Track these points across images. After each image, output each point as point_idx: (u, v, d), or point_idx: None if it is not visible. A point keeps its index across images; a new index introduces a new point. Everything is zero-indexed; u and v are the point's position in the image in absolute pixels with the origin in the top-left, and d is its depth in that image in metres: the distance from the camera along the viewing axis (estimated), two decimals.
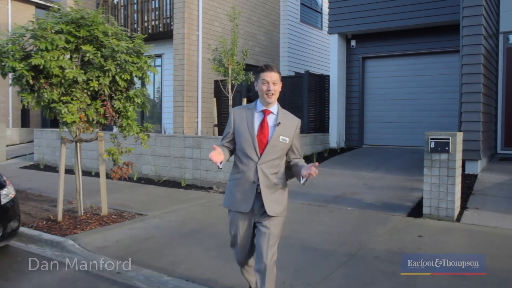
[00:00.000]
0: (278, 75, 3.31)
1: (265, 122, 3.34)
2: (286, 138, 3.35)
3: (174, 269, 4.86)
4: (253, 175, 3.31)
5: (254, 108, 3.40)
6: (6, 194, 5.48)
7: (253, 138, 3.31)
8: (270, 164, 3.32)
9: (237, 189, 3.37)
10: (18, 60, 5.71)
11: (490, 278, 4.43)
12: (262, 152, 3.30)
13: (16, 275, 4.90)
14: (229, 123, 3.46)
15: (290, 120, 3.43)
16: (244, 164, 3.35)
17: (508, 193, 7.42)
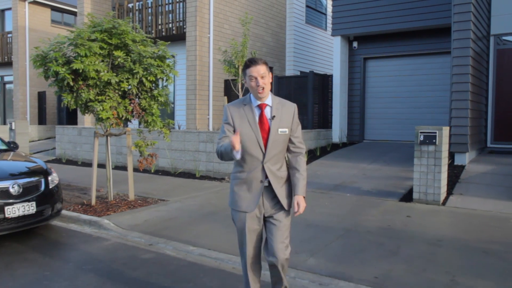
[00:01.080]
0: (264, 67, 3.15)
1: (263, 117, 3.23)
2: (284, 129, 3.25)
3: (197, 241, 5.76)
4: (260, 174, 3.21)
5: (250, 103, 3.26)
6: (52, 180, 6.41)
7: (258, 136, 3.18)
8: (275, 159, 3.24)
9: (242, 188, 3.27)
10: (61, 65, 6.62)
11: (461, 245, 5.31)
12: (266, 149, 3.20)
13: (64, 246, 5.83)
14: (226, 122, 3.28)
15: (286, 108, 3.29)
16: (248, 163, 3.23)
17: (490, 181, 8.27)
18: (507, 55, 10.97)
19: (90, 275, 4.77)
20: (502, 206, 7.04)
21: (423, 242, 5.51)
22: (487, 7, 10.93)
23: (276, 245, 3.22)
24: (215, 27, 13.98)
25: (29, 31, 20.37)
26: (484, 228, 6.10)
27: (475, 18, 9.66)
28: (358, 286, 4.33)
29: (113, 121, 7.09)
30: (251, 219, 3.27)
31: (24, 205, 5.78)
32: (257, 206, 3.25)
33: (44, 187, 6.16)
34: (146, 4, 14.74)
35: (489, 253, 5.13)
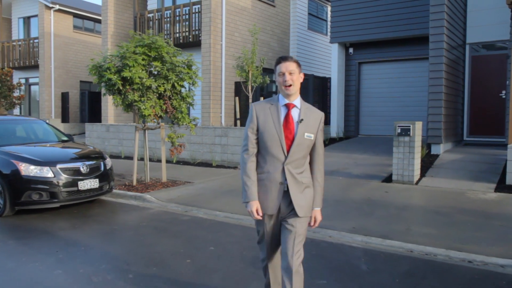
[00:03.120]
0: (295, 64, 3.13)
1: (289, 116, 3.17)
2: (311, 134, 3.18)
3: (222, 208, 7.57)
4: (280, 176, 3.15)
5: (277, 102, 3.22)
6: (107, 163, 8.23)
7: (281, 136, 3.12)
8: (297, 163, 3.17)
9: (262, 189, 3.20)
10: (113, 73, 8.42)
11: (420, 209, 7.10)
12: (288, 150, 3.13)
13: (120, 213, 7.65)
14: (251, 120, 3.23)
15: (314, 114, 3.25)
16: (269, 163, 3.17)
17: (457, 166, 10.03)
18: (480, 61, 12.71)
19: (147, 229, 6.58)
20: (462, 184, 8.80)
21: (392, 208, 7.31)
22: (463, 19, 12.67)
23: (286, 251, 3.20)
24: (226, 35, 15.76)
25: (54, 37, 22.20)
26: (442, 199, 7.87)
27: (450, 30, 11.40)
28: (340, 232, 6.13)
29: (152, 117, 8.89)
30: (269, 221, 3.28)
31: (91, 181, 7.62)
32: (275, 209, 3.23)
33: (103, 168, 8.00)
34: (165, 15, 16.53)
35: (439, 213, 6.92)
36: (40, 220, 7.05)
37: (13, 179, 7.16)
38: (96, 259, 5.26)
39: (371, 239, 5.86)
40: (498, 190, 8.32)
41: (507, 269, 4.89)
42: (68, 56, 22.97)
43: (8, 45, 23.53)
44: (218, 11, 15.27)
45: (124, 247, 5.82)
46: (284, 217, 3.25)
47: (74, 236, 6.20)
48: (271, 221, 3.28)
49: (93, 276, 4.70)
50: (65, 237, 6.17)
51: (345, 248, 5.64)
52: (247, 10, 16.72)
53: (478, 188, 8.50)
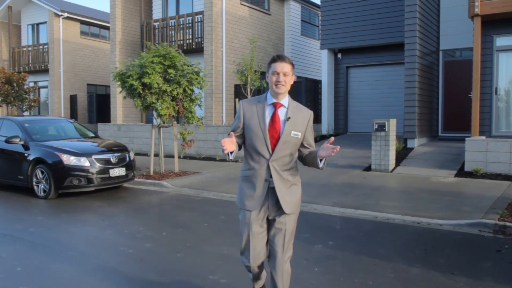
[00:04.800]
0: (290, 66, 3.13)
1: (276, 116, 3.17)
2: (298, 133, 3.19)
3: (228, 191, 9.19)
4: (265, 173, 3.17)
5: (264, 100, 3.23)
6: (131, 155, 9.84)
7: (265, 134, 3.14)
8: (282, 160, 3.18)
9: (248, 186, 3.24)
10: (135, 79, 10.02)
11: (390, 190, 8.75)
12: (273, 148, 3.14)
13: (143, 196, 9.26)
14: (237, 117, 3.27)
15: (302, 113, 3.26)
16: (255, 161, 3.20)
17: (427, 157, 11.68)
18: (452, 65, 14.37)
19: (168, 206, 8.21)
20: (429, 172, 10.45)
21: (367, 189, 8.95)
22: (437, 29, 14.33)
23: (277, 250, 3.20)
24: (226, 42, 17.36)
25: (63, 43, 23.74)
26: (409, 183, 9.52)
27: (423, 39, 13.06)
28: (323, 206, 7.77)
29: (167, 116, 10.49)
30: (255, 220, 3.22)
31: (119, 169, 9.24)
32: (262, 207, 3.22)
33: (128, 159, 9.61)
34: (170, 23, 18.13)
35: (404, 192, 8.58)
36: (80, 201, 8.66)
37: (57, 168, 8.76)
38: (134, 225, 6.88)
39: (346, 210, 7.50)
40: (457, 176, 9.97)
41: (444, 226, 6.55)
42: (75, 61, 24.52)
43: (19, 50, 25.02)
44: (219, 20, 16.88)
45: (154, 217, 7.45)
46: (273, 217, 3.25)
47: (111, 211, 7.82)
48: (257, 220, 3.23)
49: (136, 234, 6.32)
50: (105, 212, 7.78)
51: (325, 216, 7.28)
52: (245, 19, 18.34)
53: (441, 174, 10.15)
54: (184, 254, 5.45)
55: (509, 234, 6.21)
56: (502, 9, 10.61)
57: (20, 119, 10.15)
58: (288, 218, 3.23)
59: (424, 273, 4.78)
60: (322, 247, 5.68)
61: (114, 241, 6.03)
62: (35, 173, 9.00)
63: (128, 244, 5.86)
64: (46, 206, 8.33)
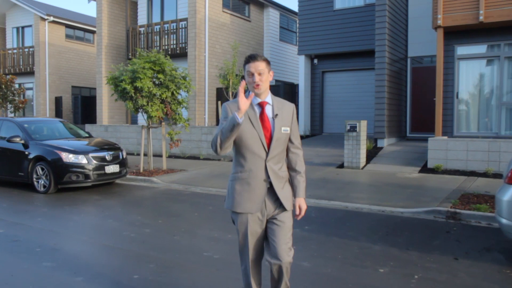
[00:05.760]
0: (264, 63, 3.09)
1: (264, 115, 3.16)
2: (287, 128, 3.20)
3: (214, 186, 10.08)
4: (263, 173, 3.13)
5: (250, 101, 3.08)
6: (123, 153, 10.65)
7: (260, 134, 3.10)
8: (276, 158, 3.19)
9: (244, 189, 3.16)
10: (127, 83, 10.83)
11: (360, 184, 9.77)
12: (269, 147, 3.13)
13: (136, 191, 10.07)
14: (225, 118, 3.13)
15: (286, 107, 3.27)
16: (250, 162, 3.14)
17: (395, 156, 12.77)
18: (419, 71, 15.54)
19: (160, 199, 9.07)
20: (396, 168, 11.52)
21: (340, 183, 9.96)
22: (405, 37, 15.49)
23: (280, 247, 3.14)
24: (209, 47, 18.24)
25: (48, 46, 24.27)
26: (377, 178, 10.57)
27: (392, 47, 14.18)
28: None
29: (157, 118, 11.33)
30: (253, 222, 3.18)
31: (113, 166, 10.04)
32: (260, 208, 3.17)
33: (121, 157, 10.42)
34: (155, 29, 18.92)
35: (372, 186, 9.61)
36: (78, 195, 9.45)
37: (57, 165, 9.52)
38: (132, 214, 7.72)
39: (321, 201, 8.47)
40: (420, 172, 11.06)
41: (404, 214, 7.59)
42: (61, 63, 25.07)
43: (4, 53, 25.43)
44: (202, 27, 17.75)
45: (149, 208, 8.30)
46: (271, 215, 3.21)
47: (109, 203, 8.64)
48: (256, 221, 3.20)
49: (135, 222, 7.17)
50: (103, 204, 8.60)
51: None
52: (227, 25, 19.25)
53: (406, 171, 11.23)
54: (180, 237, 6.33)
55: (458, 219, 7.26)
56: (461, 21, 11.75)
57: (19, 120, 10.86)
58: (288, 214, 3.25)
59: (384, 249, 5.76)
60: (299, 231, 6.61)
61: (116, 228, 6.86)
62: (35, 170, 9.75)
63: (129, 230, 6.70)
64: (47, 199, 9.09)
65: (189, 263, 5.22)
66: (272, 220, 3.22)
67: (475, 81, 12.73)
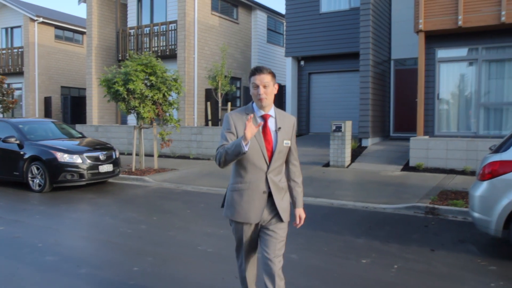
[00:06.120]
0: (269, 76, 3.11)
1: (267, 127, 3.17)
2: (288, 141, 3.23)
3: (204, 184, 10.45)
4: (263, 185, 3.15)
5: (252, 111, 3.20)
6: (116, 153, 10.96)
7: (262, 146, 3.12)
8: (277, 170, 3.22)
9: (244, 199, 3.17)
10: (120, 85, 11.14)
11: (343, 182, 10.22)
12: (270, 160, 3.14)
13: (129, 189, 10.40)
14: (228, 130, 3.17)
15: (287, 120, 3.28)
16: (251, 173, 3.16)
17: (379, 155, 13.25)
18: (402, 73, 16.07)
19: (153, 197, 9.41)
20: (379, 167, 11.99)
21: (326, 181, 10.39)
22: (388, 40, 16.00)
23: (269, 258, 3.19)
24: (198, 49, 18.57)
25: (38, 46, 24.40)
26: (362, 176, 11.03)
27: (376, 50, 14.67)
28: None
29: (149, 119, 11.66)
30: (249, 229, 3.25)
31: (107, 165, 10.36)
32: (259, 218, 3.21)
33: (114, 157, 10.73)
34: (144, 31, 19.20)
35: (357, 184, 10.06)
36: (73, 194, 9.75)
37: (52, 164, 9.81)
38: (127, 212, 8.06)
39: (307, 198, 8.87)
40: (403, 170, 11.55)
41: (386, 209, 8.05)
42: (50, 64, 25.20)
43: None
44: (191, 29, 18.08)
45: (143, 206, 8.65)
46: (265, 224, 3.25)
47: (104, 201, 8.96)
48: (252, 230, 3.26)
49: (131, 219, 7.51)
50: (98, 202, 8.93)
51: None
52: (215, 27, 19.61)
53: (389, 169, 11.71)
54: (175, 232, 6.70)
55: (436, 214, 7.73)
56: (441, 26, 12.25)
57: (14, 120, 11.12)
58: (282, 226, 3.27)
59: (367, 242, 6.19)
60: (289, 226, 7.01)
61: (113, 225, 7.20)
62: (31, 169, 10.02)
63: (126, 226, 7.05)
64: (43, 198, 9.38)
65: (185, 257, 5.59)
66: (266, 230, 3.25)
67: (455, 83, 13.25)
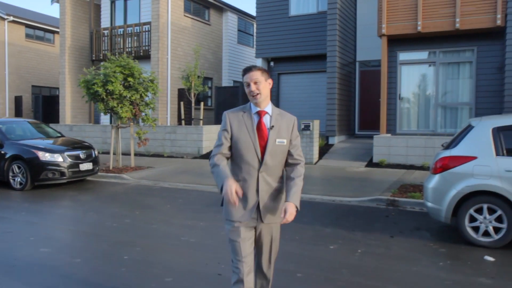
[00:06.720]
0: (259, 72, 3.11)
1: (261, 124, 3.16)
2: (283, 140, 3.18)
3: (181, 181, 10.99)
4: (255, 183, 3.13)
5: (249, 110, 3.21)
6: (96, 152, 11.37)
7: (255, 143, 3.11)
8: (272, 170, 3.17)
9: (239, 198, 3.08)
10: (100, 87, 11.55)
11: (312, 177, 10.95)
12: (263, 157, 3.12)
13: (107, 186, 10.85)
14: (224, 129, 3.20)
15: (286, 120, 3.25)
16: (245, 171, 3.15)
17: (345, 152, 14.05)
18: (366, 74, 16.96)
19: (133, 194, 9.91)
20: (345, 163, 12.78)
21: None
22: (354, 43, 16.85)
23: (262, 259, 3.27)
24: (171, 50, 19.00)
25: (8, 45, 24.30)
26: (329, 172, 11.78)
27: (342, 52, 15.47)
28: None
29: (127, 119, 12.10)
30: (245, 230, 3.18)
31: (87, 164, 10.78)
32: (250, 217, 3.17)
33: (94, 155, 11.15)
34: (118, 32, 19.50)
35: (324, 179, 10.80)
36: (54, 191, 10.14)
37: (33, 163, 10.16)
38: (110, 208, 8.55)
39: None
40: (367, 166, 12.37)
41: (351, 202, 8.80)
42: (21, 63, 25.12)
43: None
44: (165, 30, 18.51)
45: (124, 202, 9.14)
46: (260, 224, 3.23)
47: (86, 198, 9.41)
48: (247, 229, 3.20)
49: (114, 214, 8.01)
50: (80, 199, 9.36)
51: None
52: (188, 29, 20.08)
53: (354, 165, 12.52)
54: (158, 225, 7.24)
55: (396, 206, 8.52)
56: (402, 31, 13.12)
57: None
58: (275, 226, 3.29)
59: (334, 231, 6.88)
60: None
61: (99, 219, 7.68)
62: (12, 168, 10.34)
63: (111, 220, 7.54)
64: (26, 196, 9.74)
65: (170, 246, 6.15)
66: (260, 229, 3.26)
67: (415, 84, 14.16)
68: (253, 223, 3.21)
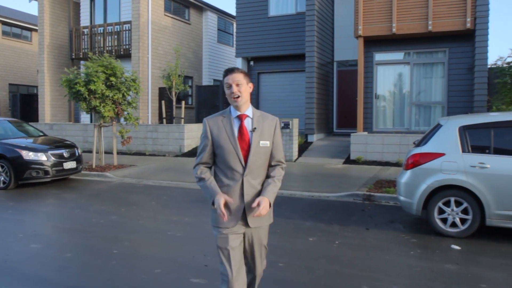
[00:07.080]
0: (241, 75, 3.08)
1: (243, 128, 3.12)
2: (266, 142, 3.15)
3: (164, 179, 11.23)
4: (240, 188, 3.11)
5: (229, 114, 3.17)
6: (79, 151, 11.53)
7: (236, 148, 3.08)
8: (256, 173, 3.15)
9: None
10: (82, 86, 11.70)
11: (295, 175, 11.31)
12: (246, 161, 3.09)
13: (91, 185, 11.02)
14: (204, 136, 3.18)
15: (267, 121, 3.21)
16: (229, 177, 3.13)
17: (323, 149, 14.47)
18: (344, 74, 17.41)
19: (117, 191, 10.12)
20: (324, 160, 13.19)
21: None
22: (332, 43, 17.28)
23: (254, 260, 3.31)
24: (152, 49, 19.16)
25: None
26: (308, 169, 12.17)
27: (321, 52, 15.88)
28: None
29: (109, 118, 12.28)
30: (233, 237, 3.14)
31: (71, 162, 10.94)
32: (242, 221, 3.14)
33: (77, 154, 11.31)
34: (98, 30, 19.56)
35: (303, 176, 11.18)
36: (38, 190, 10.28)
37: (17, 162, 10.28)
38: (95, 205, 8.76)
39: None
40: (344, 163, 12.80)
41: (330, 197, 9.19)
42: None
43: None
44: (145, 30, 18.66)
45: (109, 199, 9.35)
46: (249, 229, 3.21)
47: (71, 196, 9.59)
48: (236, 235, 3.16)
49: (100, 211, 8.23)
50: (65, 197, 9.54)
51: None
52: (168, 28, 20.25)
53: (332, 162, 12.93)
54: (144, 221, 7.49)
55: (372, 200, 8.94)
56: (378, 32, 13.59)
57: None
58: (263, 230, 3.30)
59: (314, 224, 7.25)
60: None
61: (85, 216, 7.89)
62: None
63: (97, 217, 7.77)
64: (10, 195, 9.86)
65: (157, 241, 6.43)
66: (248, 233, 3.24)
67: (391, 84, 14.66)
68: (241, 229, 3.18)
